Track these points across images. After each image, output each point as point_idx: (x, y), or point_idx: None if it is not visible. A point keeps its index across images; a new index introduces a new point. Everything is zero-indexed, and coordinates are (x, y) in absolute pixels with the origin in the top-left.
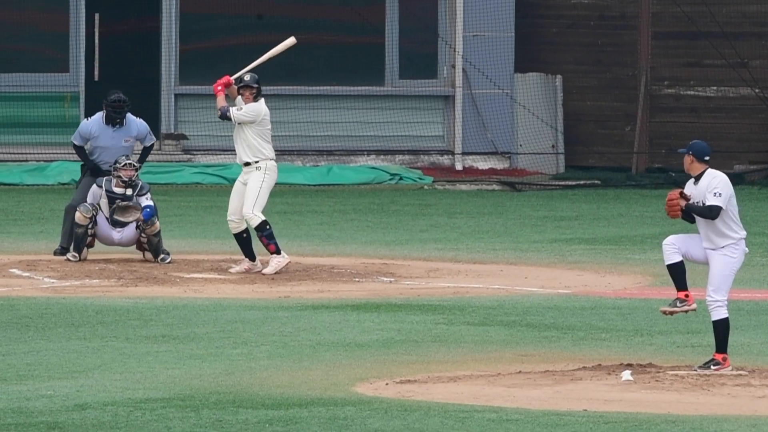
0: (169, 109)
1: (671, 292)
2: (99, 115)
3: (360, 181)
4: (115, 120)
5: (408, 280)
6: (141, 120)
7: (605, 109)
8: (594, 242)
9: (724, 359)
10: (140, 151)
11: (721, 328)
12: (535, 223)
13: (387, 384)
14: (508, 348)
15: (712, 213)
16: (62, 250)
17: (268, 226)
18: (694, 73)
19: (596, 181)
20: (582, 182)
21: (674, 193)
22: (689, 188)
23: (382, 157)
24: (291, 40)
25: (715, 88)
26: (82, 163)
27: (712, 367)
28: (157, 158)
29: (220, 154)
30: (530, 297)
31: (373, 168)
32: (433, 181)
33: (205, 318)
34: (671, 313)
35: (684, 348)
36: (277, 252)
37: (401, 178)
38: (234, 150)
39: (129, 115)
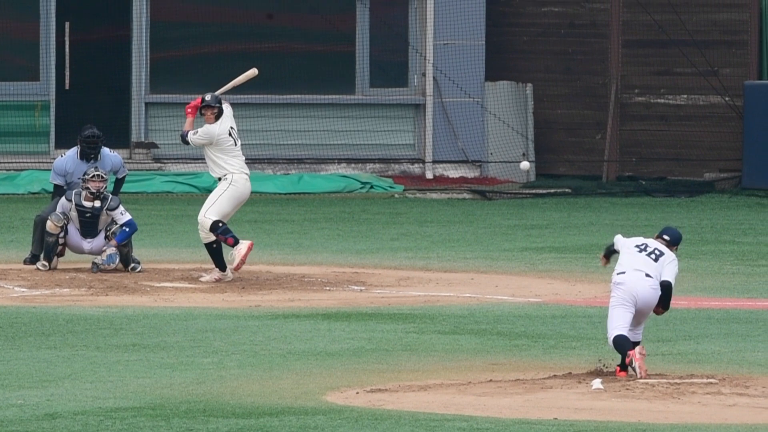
0: (139, 117)
1: None
2: (73, 151)
3: (331, 189)
4: (89, 155)
5: (379, 288)
6: (115, 153)
7: (576, 117)
8: (564, 251)
9: None
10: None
11: None
12: (505, 231)
13: (358, 393)
14: (479, 357)
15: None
16: (33, 258)
17: (220, 224)
18: (664, 81)
19: (567, 190)
20: (552, 191)
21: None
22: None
23: (352, 165)
24: (253, 71)
25: (685, 96)
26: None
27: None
28: (127, 167)
29: (191, 163)
30: (501, 305)
31: (344, 176)
32: (404, 190)
33: (175, 327)
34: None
35: (654, 356)
36: (236, 243)
37: (372, 187)
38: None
39: (104, 149)
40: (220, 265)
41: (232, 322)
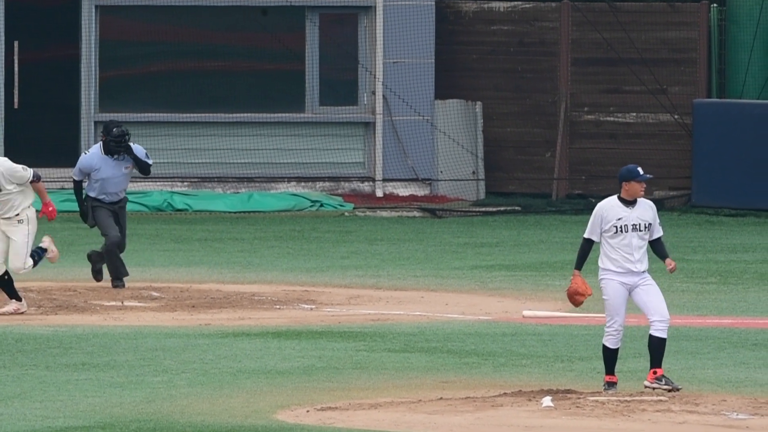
0: (89, 136)
1: (593, 318)
2: (96, 147)
3: (280, 207)
4: (117, 152)
5: (329, 307)
6: (137, 145)
7: (525, 135)
8: (514, 268)
9: None
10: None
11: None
12: (455, 249)
13: (308, 411)
14: (429, 374)
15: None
16: (118, 281)
17: (34, 257)
18: (613, 99)
19: (516, 208)
20: (502, 208)
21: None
22: (616, 212)
23: (302, 183)
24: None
25: (634, 114)
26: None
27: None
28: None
29: (141, 182)
30: (451, 323)
31: (294, 195)
32: (354, 208)
33: (125, 346)
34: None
35: (601, 373)
36: (43, 253)
37: (322, 205)
38: (154, 177)
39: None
40: (15, 296)
41: (182, 341)
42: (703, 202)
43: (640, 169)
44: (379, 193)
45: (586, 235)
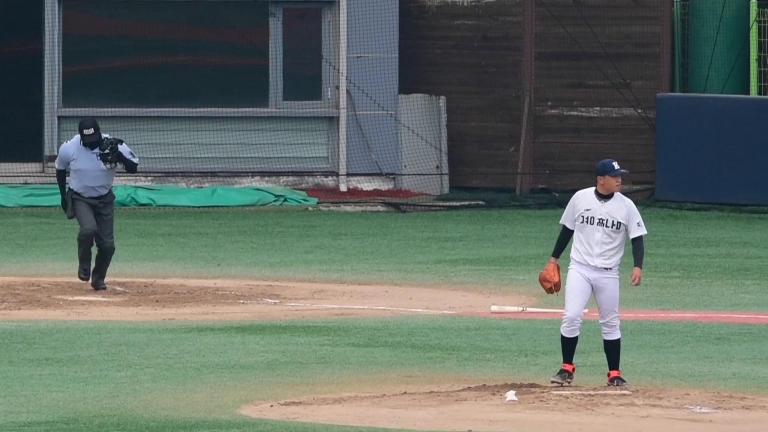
0: (52, 131)
1: (555, 312)
2: (77, 137)
3: (244, 202)
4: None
5: (293, 301)
6: (123, 145)
7: (489, 129)
8: (478, 263)
9: None
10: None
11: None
12: (419, 244)
13: (272, 406)
14: (393, 369)
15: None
16: (84, 273)
17: None
18: (577, 93)
19: (480, 202)
20: (466, 203)
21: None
22: (587, 202)
23: (266, 178)
24: None
25: (598, 108)
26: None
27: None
28: (40, 180)
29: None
30: (415, 318)
31: (258, 189)
32: (318, 203)
33: (89, 341)
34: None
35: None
36: None
37: (286, 200)
38: (117, 172)
39: (108, 136)
40: None
41: (145, 336)
42: (666, 196)
43: (615, 164)
44: (343, 188)
45: (561, 221)
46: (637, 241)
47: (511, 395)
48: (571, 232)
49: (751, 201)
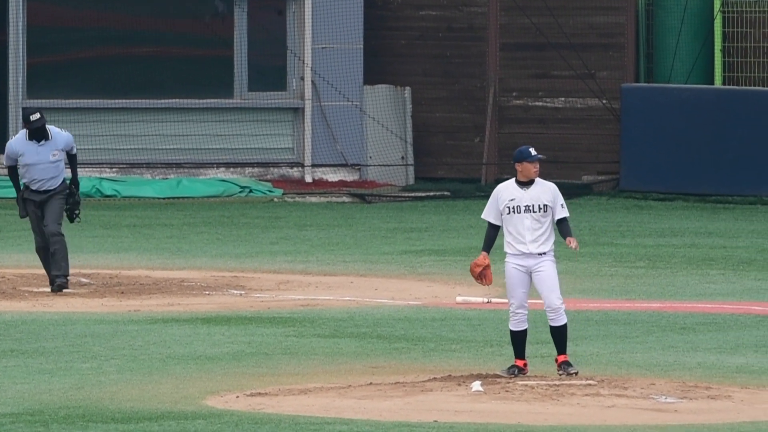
0: (17, 122)
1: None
2: (22, 133)
3: (209, 193)
4: (39, 138)
5: (258, 292)
6: (66, 132)
7: (454, 120)
8: (444, 253)
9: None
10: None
11: (566, 330)
12: (385, 234)
13: (238, 397)
14: (359, 360)
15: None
16: (63, 279)
17: None
18: (542, 84)
19: (446, 193)
20: (431, 193)
21: (480, 260)
22: (510, 192)
23: (231, 169)
24: None
25: (563, 99)
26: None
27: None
28: (3, 172)
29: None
30: (381, 308)
31: (223, 181)
32: (283, 194)
33: (54, 332)
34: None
35: (533, 358)
36: None
37: (251, 191)
38: (82, 163)
39: (53, 128)
40: None
41: (111, 327)
42: (631, 186)
43: (532, 150)
44: (309, 179)
45: (483, 216)
46: (563, 222)
47: (476, 386)
48: (497, 227)
49: (716, 191)
